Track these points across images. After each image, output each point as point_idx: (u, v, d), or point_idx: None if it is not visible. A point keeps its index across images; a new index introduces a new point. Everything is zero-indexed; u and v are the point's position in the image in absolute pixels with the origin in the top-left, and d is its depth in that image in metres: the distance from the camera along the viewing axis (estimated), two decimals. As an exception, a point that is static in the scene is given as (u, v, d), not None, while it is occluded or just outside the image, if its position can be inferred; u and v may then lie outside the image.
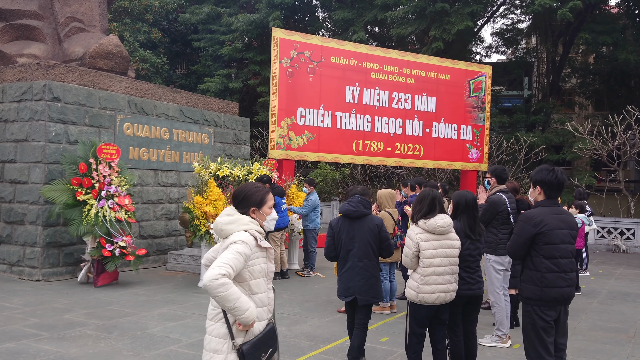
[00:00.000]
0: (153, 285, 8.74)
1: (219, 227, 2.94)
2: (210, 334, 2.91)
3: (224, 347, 2.84)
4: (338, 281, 5.00)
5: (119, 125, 9.90)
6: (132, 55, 22.53)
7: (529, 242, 3.85)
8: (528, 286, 3.84)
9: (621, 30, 22.08)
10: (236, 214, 2.98)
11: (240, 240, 2.84)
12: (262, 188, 3.06)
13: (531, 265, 3.86)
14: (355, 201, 4.92)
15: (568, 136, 20.90)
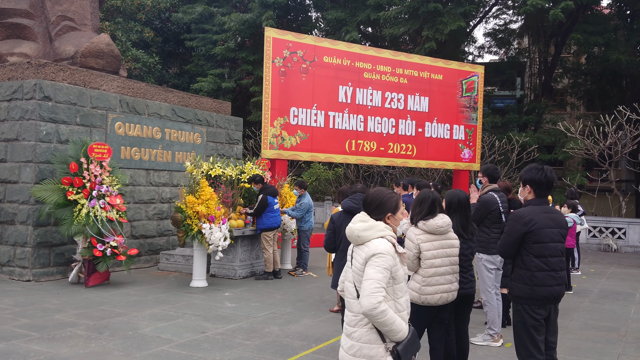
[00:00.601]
0: (145, 285, 8.71)
1: (356, 234, 2.91)
2: (358, 341, 2.86)
3: (379, 350, 2.82)
4: (335, 273, 5.40)
5: (110, 124, 9.85)
6: (125, 55, 22.44)
7: (519, 240, 3.85)
8: (518, 285, 3.85)
9: (613, 30, 22.20)
10: (370, 220, 2.96)
11: (380, 253, 2.81)
12: (395, 194, 3.08)
13: (521, 264, 3.87)
14: (357, 198, 5.42)
15: (560, 136, 21.00)
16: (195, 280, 8.68)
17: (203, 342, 5.74)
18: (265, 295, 8.17)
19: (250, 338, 5.94)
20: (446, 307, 4.35)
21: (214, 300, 7.75)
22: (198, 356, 5.27)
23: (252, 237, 9.78)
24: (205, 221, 8.46)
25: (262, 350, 5.52)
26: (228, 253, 9.43)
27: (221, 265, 9.57)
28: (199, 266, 8.70)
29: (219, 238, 8.44)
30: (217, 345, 5.62)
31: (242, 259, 9.59)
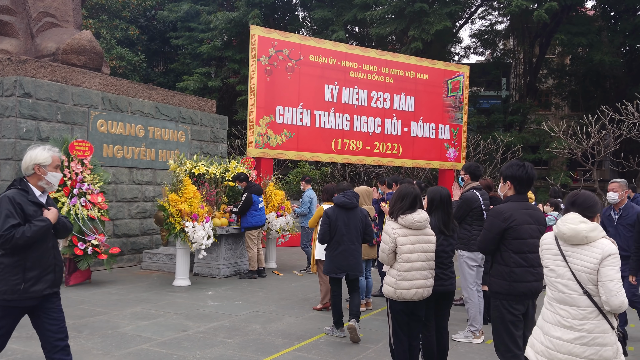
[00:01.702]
0: (127, 284, 8.62)
1: (583, 234, 3.06)
2: (591, 332, 3.02)
3: (612, 338, 3.03)
4: (328, 261, 5.99)
5: (92, 122, 9.75)
6: (109, 53, 22.24)
7: (498, 236, 3.86)
8: (497, 281, 3.86)
9: (596, 31, 22.44)
10: (589, 221, 3.12)
11: (615, 253, 3.01)
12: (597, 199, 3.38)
13: (500, 260, 3.88)
14: (349, 194, 6.02)
15: (544, 136, 21.17)
16: (178, 279, 8.61)
17: (184, 340, 5.69)
18: (248, 294, 8.13)
19: (232, 336, 5.90)
20: (422, 304, 4.35)
21: (196, 299, 7.69)
22: (178, 355, 5.22)
23: (236, 236, 9.73)
24: (189, 219, 8.40)
25: (244, 348, 5.49)
26: (212, 252, 9.37)
27: (205, 264, 9.50)
28: (181, 265, 8.64)
29: (202, 236, 8.38)
30: (198, 344, 5.58)
31: (226, 258, 9.53)
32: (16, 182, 3.67)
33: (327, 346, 5.66)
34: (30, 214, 3.54)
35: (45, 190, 3.74)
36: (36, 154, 3.65)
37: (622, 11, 22.72)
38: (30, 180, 3.67)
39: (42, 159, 3.65)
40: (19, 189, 3.61)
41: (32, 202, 3.59)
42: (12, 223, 3.43)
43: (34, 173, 3.66)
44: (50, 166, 3.68)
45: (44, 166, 3.66)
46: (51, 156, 3.69)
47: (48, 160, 3.67)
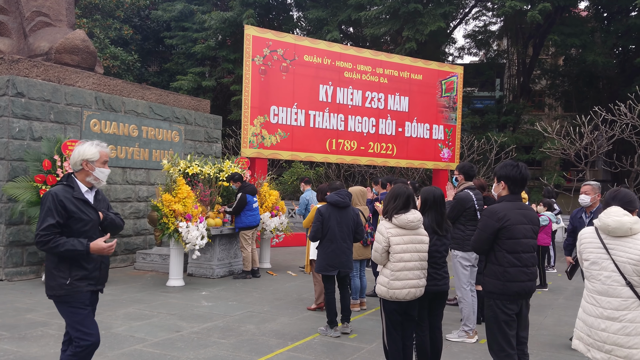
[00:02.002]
0: (120, 284, 8.59)
1: (627, 226, 3.25)
2: (633, 322, 3.19)
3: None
4: (321, 259, 6.09)
5: (85, 121, 9.70)
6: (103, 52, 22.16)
7: (492, 236, 3.87)
8: (491, 280, 3.87)
9: (589, 32, 22.54)
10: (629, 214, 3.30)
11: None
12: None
13: (494, 260, 3.89)
14: (343, 193, 6.15)
15: (538, 136, 21.24)
16: (171, 279, 8.59)
17: (177, 341, 5.67)
18: (242, 294, 8.11)
19: (226, 337, 5.88)
20: (415, 303, 4.36)
21: (190, 299, 7.67)
22: (172, 355, 5.21)
23: (231, 236, 9.72)
24: (182, 220, 8.37)
25: (237, 348, 5.48)
26: (206, 252, 9.35)
27: (199, 264, 9.48)
28: (175, 265, 8.61)
29: (196, 237, 8.36)
30: (192, 344, 5.56)
31: (220, 258, 9.51)
32: (64, 177, 3.65)
33: (321, 346, 5.66)
34: (73, 211, 3.49)
35: (94, 186, 3.69)
36: (84, 150, 3.62)
37: (615, 12, 22.84)
38: (78, 176, 3.64)
39: (90, 154, 3.61)
40: (65, 185, 3.59)
41: (76, 199, 3.54)
42: (51, 222, 3.40)
43: (82, 169, 3.62)
44: (98, 162, 3.65)
45: (92, 162, 3.62)
46: (99, 151, 3.66)
47: (96, 156, 3.63)
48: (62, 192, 3.51)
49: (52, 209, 3.44)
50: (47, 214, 3.43)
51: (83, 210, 3.55)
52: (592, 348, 3.32)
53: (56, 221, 3.43)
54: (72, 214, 3.49)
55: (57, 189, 3.53)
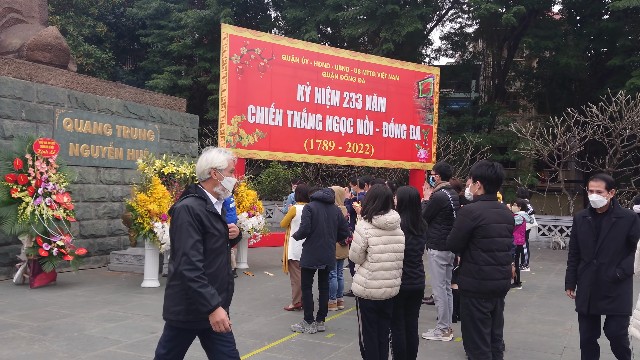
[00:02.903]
0: (93, 286, 8.44)
1: None
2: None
3: None
4: (308, 254, 6.20)
5: (58, 120, 9.52)
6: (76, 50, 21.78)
7: (468, 235, 3.91)
8: (466, 279, 3.91)
9: (563, 35, 22.96)
10: None
11: None
12: None
13: (469, 258, 3.92)
14: (328, 191, 6.41)
15: (512, 137, 21.57)
16: (146, 280, 8.48)
17: (152, 342, 5.59)
18: (219, 295, 8.03)
19: (202, 337, 5.82)
20: (390, 302, 4.39)
21: (165, 300, 7.57)
22: (146, 357, 5.13)
23: (207, 236, 9.62)
24: (158, 220, 8.27)
25: (214, 349, 5.42)
26: (182, 252, 9.23)
27: (174, 264, 9.36)
28: (150, 266, 8.50)
29: (171, 237, 8.25)
30: (167, 346, 5.49)
31: (196, 258, 9.41)
32: (191, 188, 3.31)
33: (299, 346, 5.65)
34: (207, 226, 3.15)
35: (220, 197, 3.38)
36: (212, 157, 3.32)
37: (588, 15, 23.30)
38: (205, 185, 3.32)
39: (219, 162, 3.31)
40: (197, 197, 3.23)
41: (209, 212, 3.21)
42: (197, 239, 3.08)
43: (210, 178, 3.31)
44: (226, 170, 3.34)
45: (220, 170, 3.31)
46: (227, 159, 3.35)
47: (224, 164, 3.33)
48: (197, 206, 3.16)
49: (192, 224, 3.09)
50: (188, 231, 3.06)
51: (215, 225, 3.22)
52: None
53: (199, 239, 3.09)
54: (207, 229, 3.16)
55: (190, 202, 3.16)
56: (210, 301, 3.03)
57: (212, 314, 3.06)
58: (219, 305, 3.07)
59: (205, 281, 3.05)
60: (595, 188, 4.37)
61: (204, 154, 3.37)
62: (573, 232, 4.70)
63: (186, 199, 3.21)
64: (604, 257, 4.33)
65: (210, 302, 3.03)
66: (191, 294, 3.04)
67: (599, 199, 4.34)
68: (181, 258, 3.04)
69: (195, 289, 3.01)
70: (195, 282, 3.01)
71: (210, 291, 3.05)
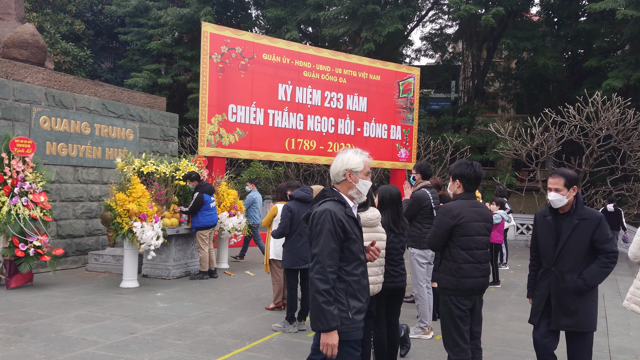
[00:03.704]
0: (71, 286, 8.32)
1: None
2: None
3: None
4: (290, 254, 6.20)
5: (35, 118, 9.36)
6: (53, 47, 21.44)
7: (447, 233, 3.94)
8: (446, 277, 3.94)
9: (541, 37, 23.30)
10: None
11: None
12: None
13: (449, 256, 3.96)
14: (308, 190, 6.37)
15: (491, 137, 21.82)
16: (125, 280, 8.38)
17: (131, 343, 5.54)
18: (199, 295, 7.99)
19: (182, 338, 5.78)
20: (372, 299, 4.40)
21: (145, 300, 7.50)
22: (125, 357, 5.08)
23: (187, 236, 9.56)
24: (137, 219, 8.18)
25: (194, 349, 5.39)
26: (161, 252, 9.17)
27: (154, 265, 9.29)
28: (129, 266, 8.41)
29: (151, 237, 8.19)
30: (147, 346, 5.44)
31: (176, 259, 9.35)
32: (328, 191, 3.13)
33: (279, 345, 5.64)
34: (349, 231, 2.99)
35: (355, 200, 3.21)
36: (348, 158, 3.16)
37: (565, 17, 23.68)
38: (340, 188, 3.16)
39: (355, 163, 3.15)
40: (336, 201, 3.07)
41: (349, 217, 3.04)
42: (334, 248, 2.92)
43: (345, 180, 3.15)
44: (362, 172, 3.19)
45: (356, 172, 3.15)
46: (363, 161, 3.19)
47: (360, 166, 3.16)
48: (337, 210, 3.00)
49: (334, 232, 2.92)
50: (327, 238, 2.90)
51: (354, 230, 3.06)
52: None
53: (336, 247, 2.94)
54: (349, 235, 3.00)
55: (332, 207, 3.00)
56: (329, 321, 2.87)
57: (326, 334, 2.89)
58: (335, 328, 2.90)
59: (332, 298, 2.90)
60: (553, 186, 3.92)
61: (339, 155, 3.21)
62: (533, 232, 4.23)
63: (327, 203, 3.04)
64: (564, 264, 3.87)
65: (329, 322, 2.87)
66: (314, 305, 2.89)
67: (557, 198, 3.90)
68: (315, 265, 2.90)
69: (320, 302, 2.87)
70: (323, 295, 2.87)
71: (332, 311, 2.88)
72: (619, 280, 10.68)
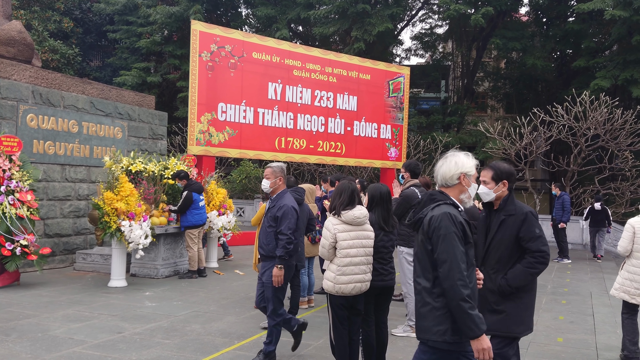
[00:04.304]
0: (58, 285, 8.25)
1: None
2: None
3: None
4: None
5: (21, 116, 9.26)
6: (41, 45, 21.25)
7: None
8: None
9: (530, 37, 23.44)
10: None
11: None
12: None
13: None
14: (300, 191, 6.34)
15: (480, 137, 21.92)
16: (113, 280, 8.32)
17: (119, 342, 5.50)
18: (188, 294, 7.95)
19: (170, 337, 5.75)
20: (361, 298, 4.41)
21: (133, 300, 7.45)
22: (113, 357, 5.04)
23: (176, 235, 9.51)
24: (125, 218, 8.13)
25: (182, 348, 5.36)
26: (150, 252, 9.11)
27: (142, 264, 9.23)
28: (117, 265, 8.35)
29: (139, 236, 8.14)
30: (134, 345, 5.40)
31: (164, 258, 9.30)
32: (437, 195, 3.01)
33: (268, 344, 5.61)
34: (469, 236, 2.87)
35: (465, 204, 3.08)
36: (462, 161, 3.03)
37: (554, 17, 23.84)
38: (451, 192, 3.04)
39: (469, 167, 3.04)
40: (450, 204, 2.95)
41: (466, 222, 2.94)
42: (462, 250, 2.82)
43: (458, 183, 3.03)
44: (473, 177, 3.07)
45: (469, 176, 3.04)
46: (474, 165, 3.08)
47: (473, 170, 3.06)
48: (458, 215, 2.88)
49: (457, 234, 2.83)
50: (455, 241, 2.80)
51: (472, 236, 2.96)
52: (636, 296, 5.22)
53: (464, 250, 2.83)
54: (469, 239, 2.90)
55: (450, 210, 2.89)
56: (479, 326, 2.75)
57: (477, 339, 2.76)
58: (484, 331, 2.78)
59: (474, 302, 2.80)
60: (482, 178, 3.69)
61: (451, 157, 3.08)
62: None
63: (443, 206, 2.93)
64: (490, 263, 3.66)
65: (479, 327, 2.75)
66: (459, 314, 2.75)
67: (484, 191, 3.65)
68: (450, 272, 2.75)
69: (466, 309, 2.73)
70: (467, 302, 2.74)
71: (479, 314, 2.78)
72: (607, 279, 10.77)
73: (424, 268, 2.91)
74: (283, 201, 4.99)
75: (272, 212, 4.99)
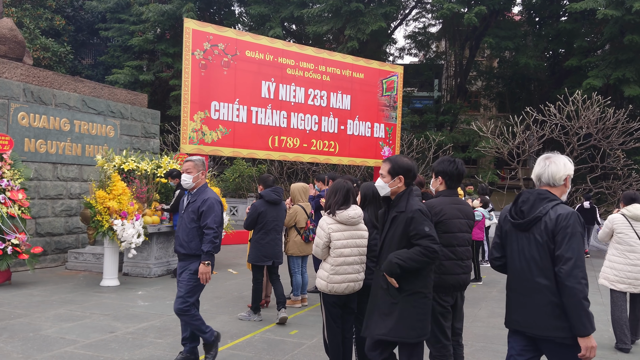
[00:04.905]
0: (50, 285, 8.19)
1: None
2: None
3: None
4: (256, 250, 6.43)
5: (12, 114, 9.19)
6: (33, 43, 21.10)
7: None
8: (428, 273, 3.93)
9: (522, 36, 23.52)
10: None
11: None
12: None
13: (430, 253, 3.95)
14: (279, 191, 6.61)
15: (473, 136, 21.98)
16: (105, 279, 8.28)
17: (111, 342, 5.47)
18: (181, 293, 7.91)
19: (163, 336, 5.72)
20: (354, 297, 4.40)
21: (125, 299, 7.41)
22: (105, 356, 5.01)
23: (169, 234, 9.47)
24: (117, 217, 8.08)
25: (175, 348, 5.34)
26: (142, 251, 9.07)
27: (135, 263, 9.18)
28: (110, 264, 8.30)
29: (131, 235, 8.09)
30: (127, 345, 5.37)
31: (157, 257, 9.26)
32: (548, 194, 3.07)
33: (262, 343, 5.61)
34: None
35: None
36: (569, 164, 3.14)
37: (546, 17, 23.93)
38: (555, 192, 3.11)
39: (572, 170, 3.16)
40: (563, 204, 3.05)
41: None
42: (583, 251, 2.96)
43: (563, 184, 3.12)
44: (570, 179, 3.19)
45: (570, 178, 3.17)
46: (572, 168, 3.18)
47: (572, 173, 3.18)
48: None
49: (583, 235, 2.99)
50: (580, 241, 2.93)
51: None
52: (617, 283, 5.89)
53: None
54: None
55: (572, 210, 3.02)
56: (593, 325, 2.87)
57: (588, 337, 2.86)
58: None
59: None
60: (380, 171, 3.65)
61: (556, 159, 3.15)
62: None
63: (563, 206, 3.02)
64: (383, 261, 3.54)
65: (593, 326, 2.87)
66: (577, 311, 2.84)
67: (380, 184, 3.65)
68: (574, 270, 2.85)
69: (586, 308, 2.85)
70: (588, 301, 2.86)
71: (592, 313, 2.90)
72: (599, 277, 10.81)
73: (545, 266, 2.95)
74: (206, 194, 4.76)
75: (195, 207, 4.72)
